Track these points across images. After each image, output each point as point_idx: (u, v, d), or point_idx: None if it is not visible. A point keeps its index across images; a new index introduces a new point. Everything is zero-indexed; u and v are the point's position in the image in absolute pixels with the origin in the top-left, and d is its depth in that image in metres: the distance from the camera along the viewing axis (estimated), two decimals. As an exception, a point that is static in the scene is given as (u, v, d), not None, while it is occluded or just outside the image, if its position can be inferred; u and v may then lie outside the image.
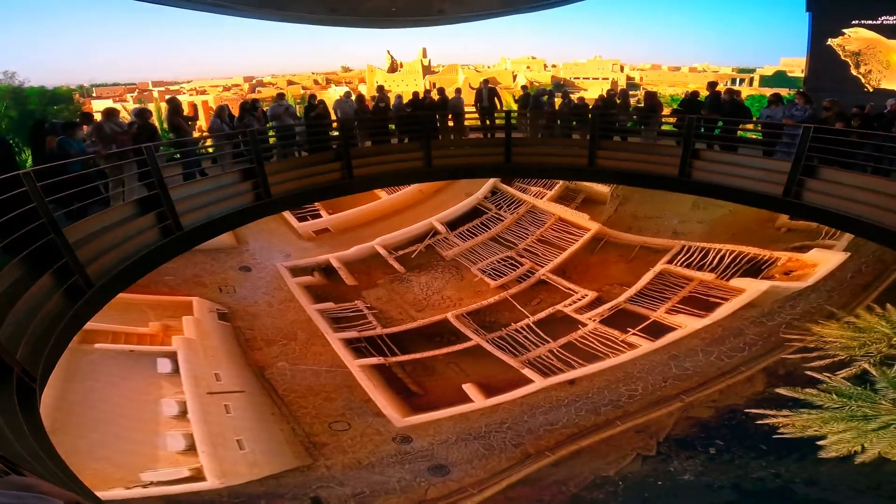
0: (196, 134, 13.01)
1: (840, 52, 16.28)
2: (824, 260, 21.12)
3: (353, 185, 14.24)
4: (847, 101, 12.59)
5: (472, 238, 28.30)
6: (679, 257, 23.98)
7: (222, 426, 16.99)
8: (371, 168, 14.14)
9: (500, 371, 20.10)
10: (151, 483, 14.85)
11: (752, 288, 21.45)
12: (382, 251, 27.22)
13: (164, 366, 18.71)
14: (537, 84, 36.20)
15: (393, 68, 44.02)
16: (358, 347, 21.35)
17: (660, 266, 24.00)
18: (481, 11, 19.51)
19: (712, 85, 13.75)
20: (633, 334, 20.81)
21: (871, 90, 16.34)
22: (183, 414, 17.11)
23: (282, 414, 17.71)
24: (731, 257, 23.10)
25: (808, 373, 17.63)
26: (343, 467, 15.75)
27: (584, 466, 15.59)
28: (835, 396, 16.87)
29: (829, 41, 16.42)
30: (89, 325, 21.77)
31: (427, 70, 58.83)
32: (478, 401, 18.59)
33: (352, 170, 13.52)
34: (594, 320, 22.11)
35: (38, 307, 7.18)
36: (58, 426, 15.75)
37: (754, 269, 22.52)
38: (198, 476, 15.30)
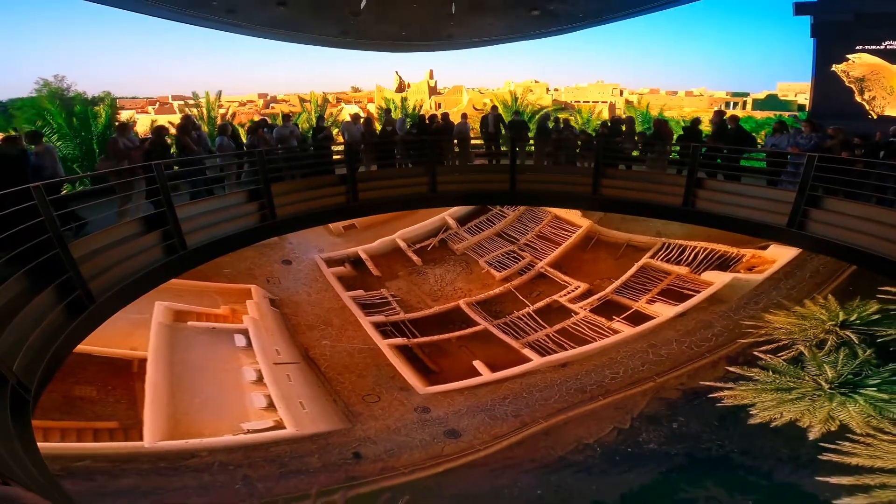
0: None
1: (844, 78, 15.56)
2: (781, 255, 21.64)
3: (358, 209, 13.07)
4: (851, 127, 11.72)
5: (480, 233, 28.97)
6: (660, 253, 24.59)
7: (288, 390, 18.19)
8: (376, 192, 12.85)
9: (504, 352, 21.08)
10: (249, 431, 16.49)
11: (718, 280, 22.18)
12: (402, 244, 28.05)
13: (240, 341, 20.07)
14: (539, 106, 37.16)
15: (401, 88, 43.92)
16: (384, 330, 22.10)
17: (642, 261, 24.68)
18: (488, 38, 18.67)
19: (719, 114, 12.58)
20: (618, 321, 21.65)
21: (874, 117, 15.49)
22: (260, 379, 18.42)
23: (325, 387, 18.99)
24: (705, 254, 23.60)
25: (757, 354, 18.77)
26: (375, 431, 16.99)
27: (569, 435, 16.81)
28: (770, 373, 17.94)
29: (834, 67, 15.64)
30: (180, 305, 20.13)
31: (433, 91, 58.04)
32: (485, 374, 19.60)
33: (357, 194, 12.27)
34: (584, 309, 22.87)
35: (38, 320, 6.78)
36: (174, 389, 17.35)
37: (723, 264, 23.04)
38: (279, 426, 16.77)
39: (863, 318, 19.24)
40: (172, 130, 10.79)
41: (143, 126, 30.12)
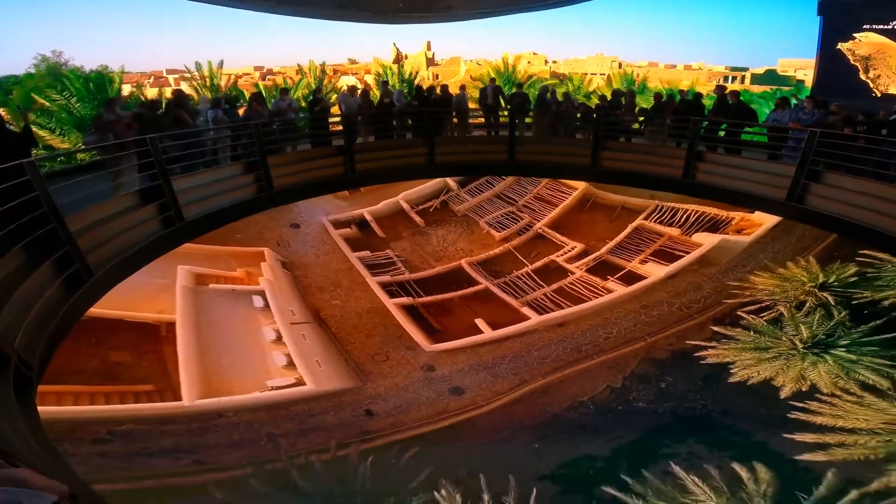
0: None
1: (849, 56, 15.13)
2: (768, 218, 21.73)
3: (356, 180, 12.75)
4: (855, 104, 11.17)
5: (480, 194, 29.20)
6: (653, 215, 24.97)
7: (305, 349, 18.63)
8: (374, 163, 12.46)
9: (504, 310, 21.53)
10: (274, 388, 17.05)
11: (707, 241, 22.48)
12: (406, 206, 28.31)
13: (258, 302, 20.55)
14: (536, 78, 36.21)
15: (398, 60, 42.11)
16: (390, 290, 22.43)
17: (636, 222, 25.06)
18: (487, 9, 17.85)
19: (721, 89, 12.16)
20: (612, 281, 22.03)
21: (878, 95, 15.01)
22: (279, 339, 18.92)
23: (336, 346, 19.45)
24: (696, 216, 23.88)
25: (740, 314, 19.36)
26: (385, 388, 17.55)
27: (564, 392, 17.42)
28: (751, 333, 18.45)
29: (839, 45, 15.24)
30: (201, 269, 19.82)
31: (430, 62, 56.97)
32: (487, 332, 20.09)
33: (355, 164, 11.89)
34: (581, 269, 23.35)
35: (37, 296, 6.58)
36: (203, 350, 17.80)
37: (713, 226, 23.39)
38: (300, 382, 17.33)
39: (841, 280, 19.61)
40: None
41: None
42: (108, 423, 14.36)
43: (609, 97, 13.87)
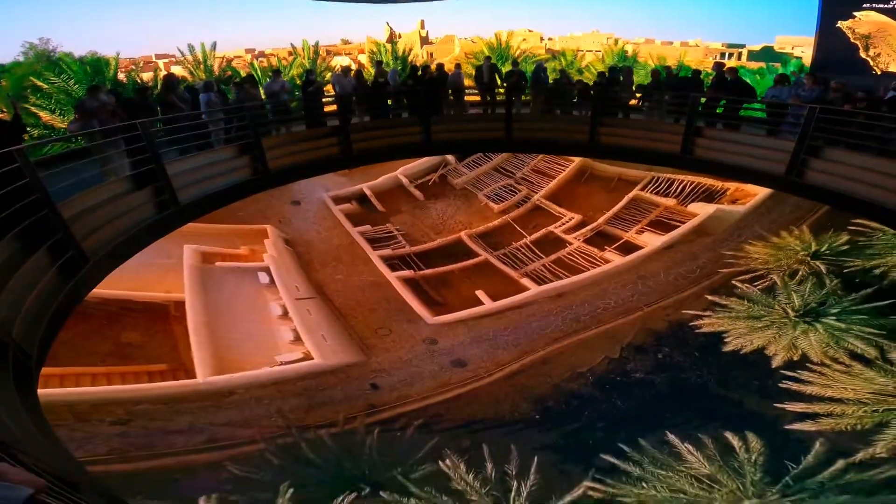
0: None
1: (849, 35, 14.76)
2: (762, 189, 21.59)
3: (352, 160, 12.40)
4: (854, 82, 11.03)
5: (478, 168, 29.10)
6: (649, 186, 24.90)
7: (310, 324, 18.75)
8: (370, 143, 12.24)
9: (504, 281, 21.62)
10: (282, 363, 17.18)
11: (703, 211, 22.49)
12: (404, 180, 28.21)
13: (263, 278, 20.64)
14: (529, 54, 35.31)
15: (391, 39, 40.93)
16: (392, 264, 22.45)
17: (633, 193, 25.03)
18: None
19: (719, 66, 11.95)
20: (609, 251, 22.15)
21: (879, 73, 14.66)
22: (285, 314, 19.04)
23: (340, 321, 19.55)
24: (692, 187, 23.92)
25: (735, 283, 19.44)
26: (389, 362, 17.65)
27: (564, 363, 17.54)
28: (745, 301, 18.54)
29: (839, 23, 14.81)
30: (207, 248, 19.52)
31: (424, 41, 55.24)
32: (487, 304, 20.18)
33: (351, 144, 11.64)
34: (578, 240, 23.46)
35: (33, 283, 6.44)
36: (213, 328, 17.90)
37: (709, 196, 23.43)
38: (307, 357, 17.47)
39: (833, 249, 19.74)
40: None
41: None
42: (125, 404, 14.51)
43: (603, 72, 13.74)
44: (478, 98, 14.20)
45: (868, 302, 17.30)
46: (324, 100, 12.27)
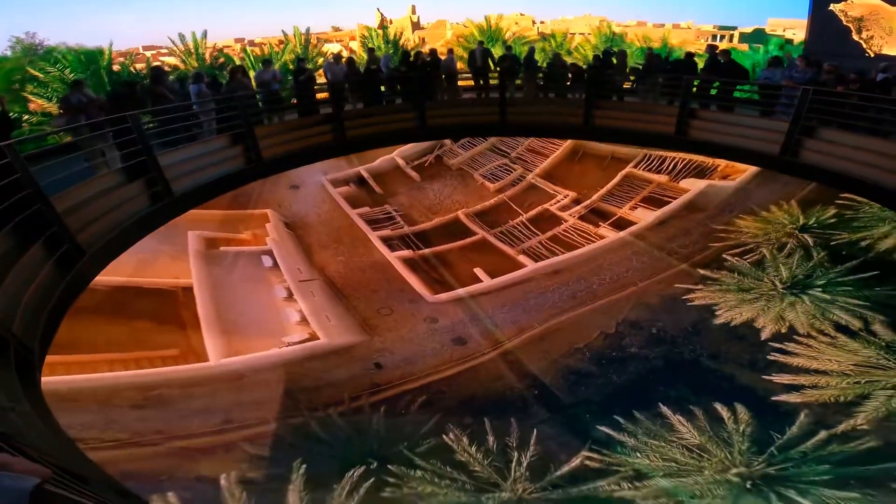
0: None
1: (842, 18, 14.86)
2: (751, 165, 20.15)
3: (346, 147, 12.35)
4: (848, 65, 10.98)
5: (473, 148, 29.27)
6: (642, 164, 25.04)
7: (315, 305, 18.97)
8: (364, 129, 12.11)
9: (501, 259, 21.81)
10: (290, 343, 17.43)
11: (694, 187, 22.78)
12: (401, 162, 28.42)
13: (267, 262, 20.90)
14: (518, 36, 34.83)
15: (382, 25, 39.83)
16: (391, 244, 22.68)
17: (626, 170, 25.22)
18: None
19: (712, 48, 11.88)
20: (604, 227, 22.38)
21: (872, 55, 14.62)
22: (290, 296, 19.23)
23: (343, 302, 19.72)
24: (683, 163, 23.97)
25: (725, 257, 19.61)
26: (391, 341, 17.84)
27: (562, 339, 17.68)
28: (735, 274, 18.69)
29: (832, 6, 14.94)
30: (211, 233, 19.66)
31: (416, 26, 54.88)
32: (486, 281, 20.45)
33: (345, 132, 11.53)
34: (573, 217, 23.71)
35: (30, 279, 6.42)
36: (221, 311, 18.19)
37: (700, 172, 23.58)
38: (314, 337, 17.71)
39: (820, 222, 19.82)
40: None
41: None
42: (142, 389, 14.74)
43: (598, 55, 13.70)
44: (471, 83, 14.08)
45: (853, 274, 17.36)
46: (315, 87, 12.24)
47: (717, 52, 11.51)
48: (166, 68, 18.40)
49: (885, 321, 15.95)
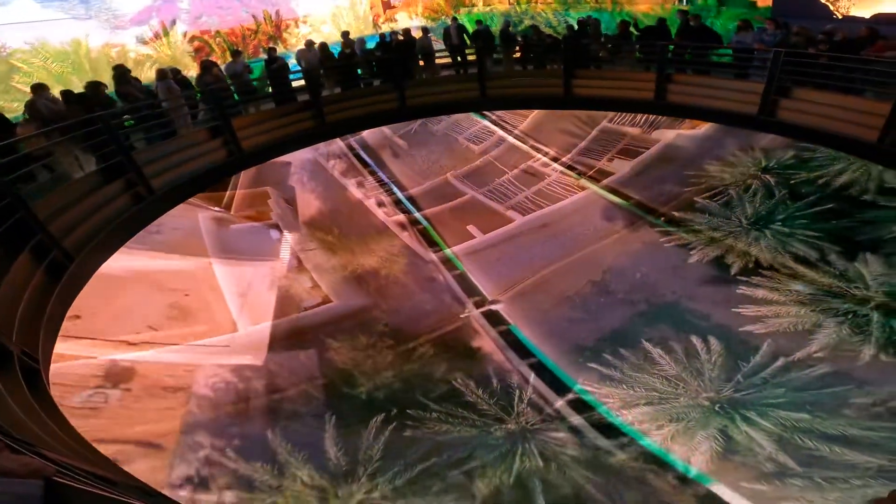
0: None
1: None
2: None
3: (328, 132, 12.23)
4: (816, 27, 10.76)
5: (455, 113, 26.55)
6: (615, 118, 25.90)
7: (323, 272, 19.87)
8: (344, 113, 11.97)
9: (491, 215, 22.76)
10: (307, 308, 18.46)
11: (664, 137, 23.66)
12: (388, 131, 28.82)
13: (275, 234, 21.84)
14: (491, 9, 33.99)
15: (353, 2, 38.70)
16: (386, 210, 23.73)
17: (601, 125, 26.08)
18: None
19: (683, 14, 11.66)
20: (585, 179, 23.42)
21: (840, 17, 14.57)
22: (300, 264, 20.33)
23: (347, 269, 20.68)
24: (655, 117, 24.32)
25: (696, 200, 20.44)
26: (394, 299, 19.11)
27: (552, 289, 18.51)
28: (707, 215, 19.48)
29: None
30: (218, 213, 20.36)
31: (386, 5, 50.77)
32: (479, 237, 21.57)
33: (324, 117, 11.36)
34: (555, 171, 24.68)
35: (22, 287, 6.36)
36: (240, 283, 18.82)
37: (670, 124, 24.19)
38: (325, 301, 18.92)
39: (780, 163, 20.61)
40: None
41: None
42: (182, 365, 15.64)
43: (572, 25, 13.53)
44: (448, 60, 13.79)
45: (809, 209, 18.13)
46: (290, 75, 11.72)
47: (689, 17, 11.47)
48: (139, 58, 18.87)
49: (839, 251, 16.71)
